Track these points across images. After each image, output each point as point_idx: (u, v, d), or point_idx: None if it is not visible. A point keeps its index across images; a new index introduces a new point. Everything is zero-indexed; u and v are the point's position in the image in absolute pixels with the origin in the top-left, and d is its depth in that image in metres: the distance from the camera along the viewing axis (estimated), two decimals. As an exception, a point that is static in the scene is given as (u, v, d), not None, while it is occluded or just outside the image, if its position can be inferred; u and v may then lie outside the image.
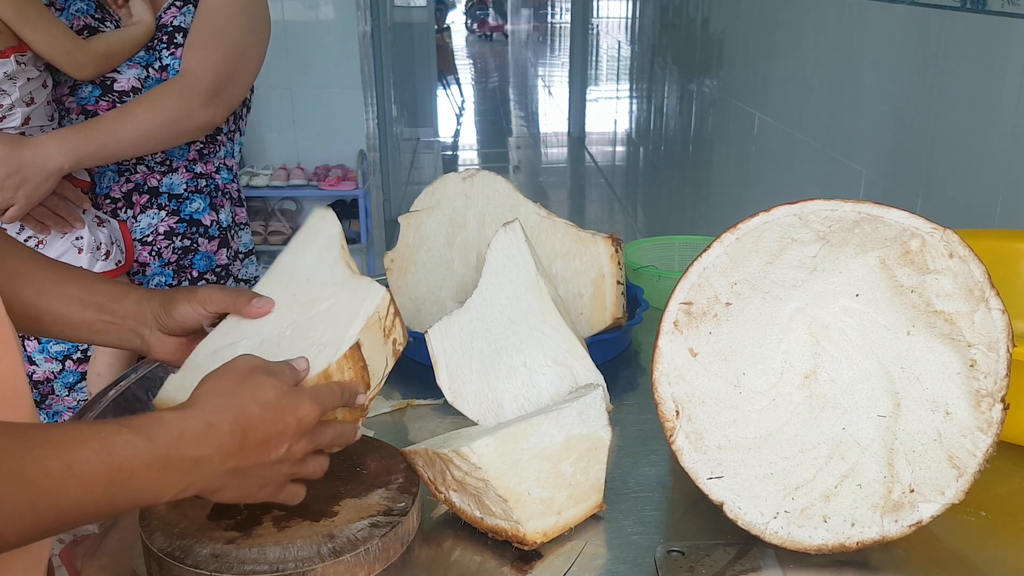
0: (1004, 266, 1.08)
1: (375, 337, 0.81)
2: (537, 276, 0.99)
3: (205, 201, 1.54)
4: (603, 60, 7.16)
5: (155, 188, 1.49)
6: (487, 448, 0.77)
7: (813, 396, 0.82)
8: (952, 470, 0.78)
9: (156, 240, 1.50)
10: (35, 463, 0.57)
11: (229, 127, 1.58)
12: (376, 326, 0.81)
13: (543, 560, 0.79)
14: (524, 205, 1.19)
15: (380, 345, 0.82)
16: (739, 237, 0.81)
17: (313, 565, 0.73)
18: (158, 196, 1.49)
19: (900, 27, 1.91)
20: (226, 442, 0.67)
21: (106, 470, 0.60)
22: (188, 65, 1.43)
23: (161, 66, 1.46)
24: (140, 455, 0.62)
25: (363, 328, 0.79)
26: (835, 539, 0.78)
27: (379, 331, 0.81)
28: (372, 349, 0.81)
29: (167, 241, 1.51)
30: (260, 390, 0.70)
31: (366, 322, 0.80)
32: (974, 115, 1.63)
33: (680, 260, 1.47)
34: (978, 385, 0.78)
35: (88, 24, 1.44)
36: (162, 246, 1.50)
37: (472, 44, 17.25)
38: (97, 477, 0.59)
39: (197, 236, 1.53)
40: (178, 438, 0.65)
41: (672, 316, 0.82)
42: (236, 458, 0.68)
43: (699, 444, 0.81)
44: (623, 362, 1.20)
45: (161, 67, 1.45)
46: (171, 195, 1.51)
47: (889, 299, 0.80)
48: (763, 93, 2.87)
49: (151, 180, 1.49)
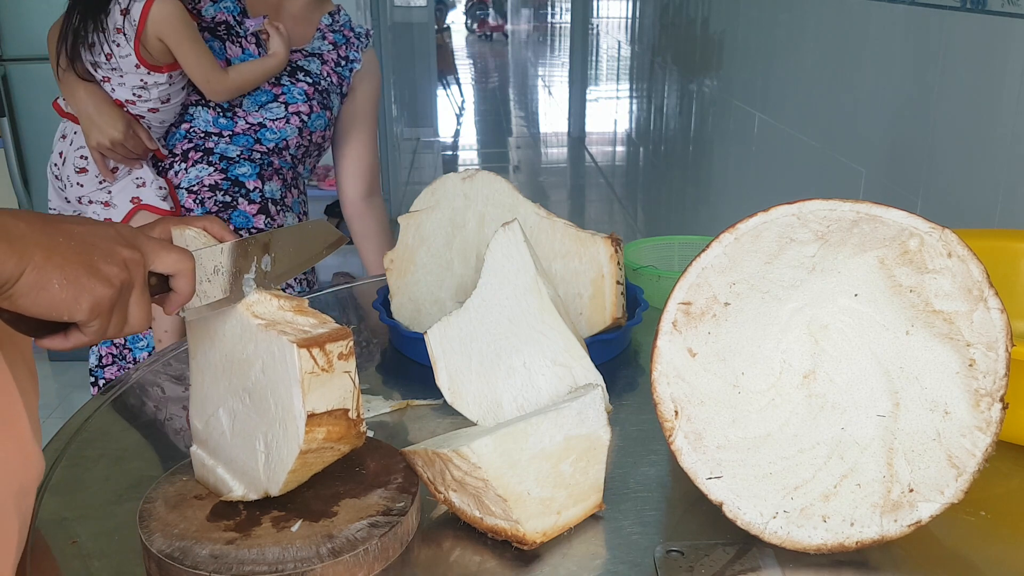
0: (1003, 266, 1.08)
1: (321, 383, 0.77)
2: (536, 276, 0.99)
3: (254, 169, 1.68)
4: (603, 60, 7.16)
5: (210, 149, 1.66)
6: (486, 448, 0.77)
7: (812, 396, 0.82)
8: (951, 470, 0.78)
9: (201, 191, 1.65)
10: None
11: None
12: (314, 378, 0.76)
13: (542, 560, 0.79)
14: (523, 205, 1.20)
15: (330, 383, 0.77)
16: (737, 237, 0.81)
17: (312, 565, 0.74)
18: (211, 155, 1.66)
19: (900, 27, 1.91)
20: (36, 221, 0.63)
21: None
22: (374, 188, 1.88)
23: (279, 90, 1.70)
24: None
25: (305, 395, 0.75)
26: (834, 539, 0.78)
27: (318, 379, 0.76)
28: (326, 395, 0.77)
29: (211, 193, 1.66)
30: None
31: (302, 387, 0.75)
32: (974, 115, 1.63)
33: (680, 260, 1.47)
34: (977, 384, 0.78)
35: (227, 21, 1.65)
36: (205, 196, 1.66)
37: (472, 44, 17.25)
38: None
39: (238, 196, 1.67)
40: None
41: (671, 316, 0.82)
42: (49, 223, 0.64)
43: (698, 444, 0.81)
44: (622, 362, 1.20)
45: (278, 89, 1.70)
46: (223, 156, 1.66)
47: (888, 299, 0.80)
48: (763, 93, 2.87)
49: (208, 143, 1.66)
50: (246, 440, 0.81)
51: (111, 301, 0.67)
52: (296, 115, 1.68)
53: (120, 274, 0.67)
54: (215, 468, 0.84)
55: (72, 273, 0.64)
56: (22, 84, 3.89)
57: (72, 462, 0.97)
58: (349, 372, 0.78)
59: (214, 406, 0.85)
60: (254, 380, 0.80)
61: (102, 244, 0.67)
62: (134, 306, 0.70)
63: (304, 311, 0.82)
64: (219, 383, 0.84)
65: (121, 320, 0.69)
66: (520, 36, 17.24)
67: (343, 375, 0.78)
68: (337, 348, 0.77)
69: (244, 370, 0.81)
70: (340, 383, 0.78)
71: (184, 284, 0.75)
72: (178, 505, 0.82)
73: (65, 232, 0.65)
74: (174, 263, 0.73)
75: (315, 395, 0.76)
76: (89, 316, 0.66)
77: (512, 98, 11.47)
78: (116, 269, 0.67)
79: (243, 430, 0.82)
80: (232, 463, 0.83)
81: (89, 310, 0.65)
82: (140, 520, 0.80)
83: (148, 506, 0.82)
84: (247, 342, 0.80)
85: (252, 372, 0.80)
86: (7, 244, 0.60)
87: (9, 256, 0.60)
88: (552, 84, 11.61)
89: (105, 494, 0.90)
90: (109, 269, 0.67)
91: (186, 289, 0.75)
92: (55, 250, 0.63)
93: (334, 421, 0.77)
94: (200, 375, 0.87)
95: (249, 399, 0.81)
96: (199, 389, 0.87)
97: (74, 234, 0.66)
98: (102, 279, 0.66)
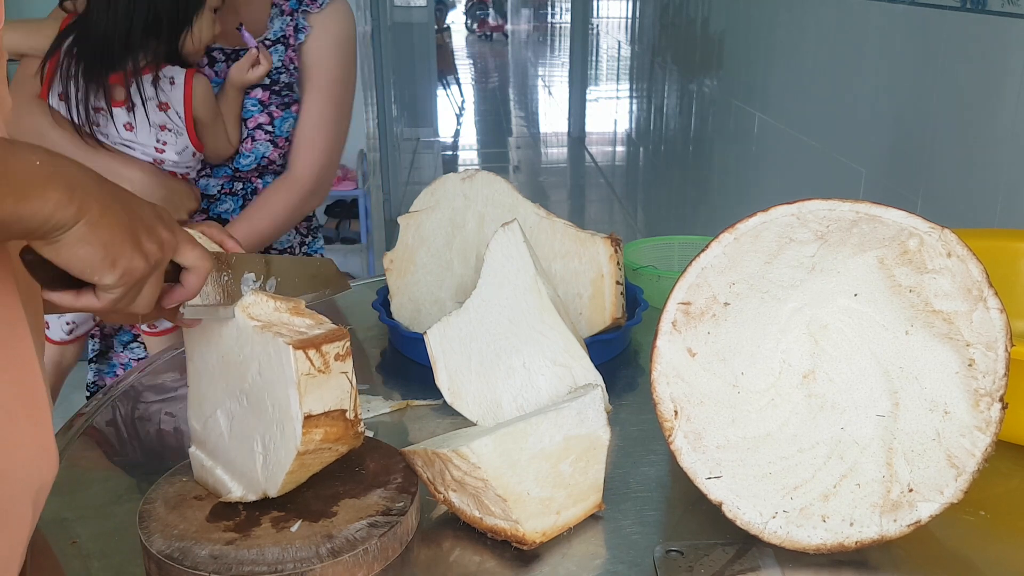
0: (1002, 265, 1.08)
1: (317, 385, 0.76)
2: (536, 276, 0.99)
3: (236, 202, 1.58)
4: (603, 60, 7.16)
5: None
6: (486, 448, 0.77)
7: (812, 396, 0.82)
8: (951, 469, 0.78)
9: None
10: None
11: None
12: (310, 380, 0.76)
13: (542, 560, 0.79)
14: (523, 205, 1.20)
15: (327, 384, 0.77)
16: (737, 237, 0.81)
17: (312, 565, 0.74)
18: None
19: (900, 27, 1.91)
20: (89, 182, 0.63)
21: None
22: (294, 169, 1.57)
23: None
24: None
25: (302, 397, 0.75)
26: (834, 539, 0.78)
27: (314, 380, 0.76)
28: (323, 396, 0.77)
29: None
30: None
31: (298, 388, 0.75)
32: (974, 115, 1.63)
33: (679, 260, 1.47)
34: (976, 384, 0.78)
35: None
36: None
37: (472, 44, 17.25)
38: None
39: None
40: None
41: (670, 316, 0.82)
42: (107, 182, 0.65)
43: (698, 444, 0.81)
44: (622, 362, 1.20)
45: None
46: (204, 195, 1.55)
47: (887, 299, 0.80)
48: (763, 93, 2.87)
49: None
50: (244, 441, 0.81)
51: (142, 275, 0.68)
52: (258, 128, 1.53)
53: (156, 253, 0.69)
54: (214, 469, 0.84)
55: (119, 237, 0.65)
56: (22, 84, 3.87)
57: (72, 462, 0.97)
58: (346, 373, 0.78)
59: (212, 407, 0.85)
60: (251, 382, 0.80)
61: (148, 219, 0.69)
62: (148, 287, 0.70)
63: (300, 312, 0.82)
64: (216, 385, 0.84)
65: (133, 298, 0.70)
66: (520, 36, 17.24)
67: (340, 376, 0.78)
68: (333, 349, 0.77)
69: (241, 372, 0.81)
70: (337, 384, 0.78)
71: (195, 281, 0.76)
72: (178, 506, 0.82)
73: (119, 196, 0.66)
74: (196, 259, 0.75)
75: (312, 396, 0.76)
76: (117, 283, 0.66)
77: (512, 98, 11.47)
78: (155, 247, 0.69)
79: (241, 431, 0.82)
80: (231, 464, 0.83)
81: (120, 276, 0.66)
82: (140, 520, 0.80)
83: (148, 507, 0.82)
84: (244, 344, 0.80)
85: (249, 374, 0.80)
86: (70, 192, 0.60)
87: (70, 204, 0.60)
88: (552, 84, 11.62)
89: (105, 494, 0.90)
90: (149, 245, 0.68)
91: (195, 287, 0.76)
92: (110, 210, 0.64)
93: (331, 422, 0.77)
94: (198, 377, 0.87)
95: (246, 401, 0.81)
96: (197, 391, 0.87)
97: (126, 201, 0.67)
98: (142, 252, 0.67)
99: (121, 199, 0.66)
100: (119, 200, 0.66)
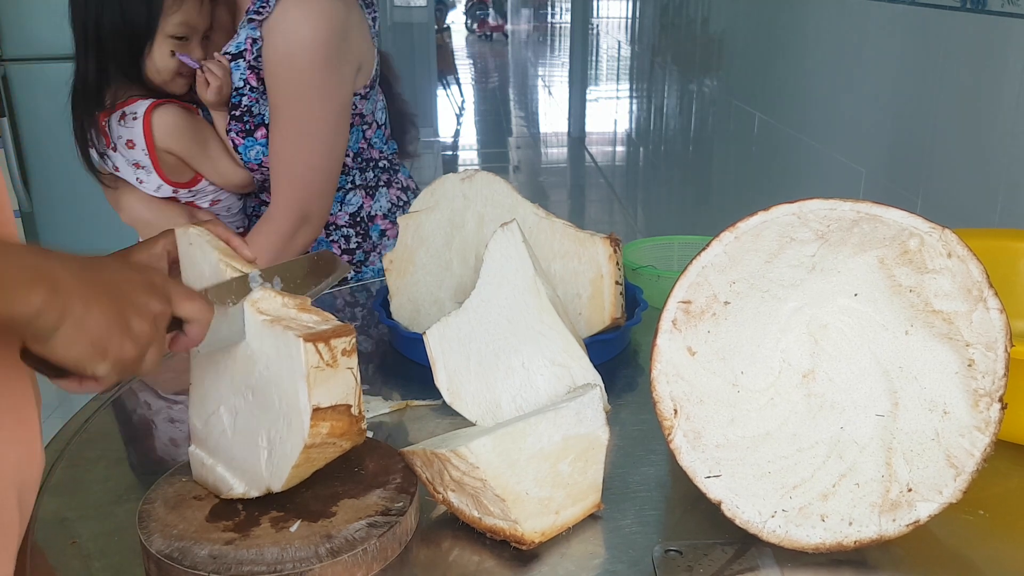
0: (1003, 266, 1.08)
1: (325, 378, 0.77)
2: (535, 276, 0.99)
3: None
4: (603, 60, 7.16)
5: None
6: (485, 448, 0.77)
7: (811, 395, 0.82)
8: (950, 469, 0.78)
9: None
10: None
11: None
12: (319, 373, 0.76)
13: (541, 560, 0.79)
14: (522, 205, 1.19)
15: (335, 378, 0.78)
16: (738, 236, 0.81)
17: (311, 565, 0.74)
18: None
19: (900, 27, 1.91)
20: (75, 264, 0.64)
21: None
22: (270, 210, 1.43)
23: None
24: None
25: (311, 389, 0.76)
26: (833, 538, 0.78)
27: (323, 373, 0.77)
28: (330, 390, 0.77)
29: None
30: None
31: (307, 381, 0.76)
32: (974, 115, 1.63)
33: (679, 260, 1.47)
34: (976, 384, 0.78)
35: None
36: None
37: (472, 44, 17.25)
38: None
39: None
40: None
41: (671, 315, 0.82)
42: (90, 270, 0.65)
43: (697, 443, 0.81)
44: (622, 362, 1.20)
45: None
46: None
47: (887, 298, 0.80)
48: (763, 93, 2.87)
49: None
50: (248, 437, 0.82)
51: (135, 361, 0.68)
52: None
53: (149, 333, 0.69)
54: (215, 467, 0.84)
55: (105, 329, 0.64)
56: (22, 84, 3.89)
57: (72, 462, 0.97)
58: (352, 368, 0.79)
59: (215, 404, 0.85)
60: (258, 376, 0.80)
61: (137, 297, 0.68)
62: (150, 355, 0.70)
63: (307, 309, 0.82)
64: (221, 380, 0.84)
65: (136, 369, 0.70)
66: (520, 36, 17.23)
67: (346, 371, 0.78)
68: (341, 344, 0.78)
69: (248, 366, 0.81)
70: (344, 379, 0.78)
71: (197, 332, 0.76)
72: (177, 506, 0.82)
73: (103, 283, 0.65)
74: (195, 311, 0.74)
75: (320, 390, 0.76)
76: (111, 372, 0.67)
77: (512, 98, 11.47)
78: (147, 327, 0.68)
79: (245, 427, 0.82)
80: (232, 461, 0.83)
81: (112, 365, 0.66)
82: (139, 521, 0.80)
83: (147, 507, 0.82)
84: (251, 338, 0.81)
85: (256, 368, 0.80)
86: (53, 295, 0.60)
87: (53, 307, 0.60)
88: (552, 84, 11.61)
89: (105, 494, 0.90)
90: (140, 327, 0.67)
91: (198, 336, 0.76)
92: (93, 302, 0.63)
93: (337, 416, 0.78)
94: (201, 373, 0.87)
95: (252, 395, 0.81)
96: (199, 388, 0.87)
97: (110, 284, 0.66)
98: (132, 338, 0.67)
99: (106, 286, 0.66)
100: (103, 288, 0.65)
